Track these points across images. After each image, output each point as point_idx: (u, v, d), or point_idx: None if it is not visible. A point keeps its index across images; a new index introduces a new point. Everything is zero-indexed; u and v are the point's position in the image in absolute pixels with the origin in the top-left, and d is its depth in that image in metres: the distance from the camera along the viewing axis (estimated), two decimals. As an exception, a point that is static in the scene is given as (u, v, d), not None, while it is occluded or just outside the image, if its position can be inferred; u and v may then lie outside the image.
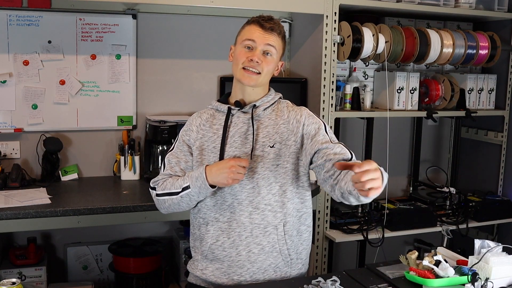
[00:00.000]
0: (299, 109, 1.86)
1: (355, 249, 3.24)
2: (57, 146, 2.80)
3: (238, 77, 1.79)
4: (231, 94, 1.90)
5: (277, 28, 1.78)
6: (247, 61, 1.76)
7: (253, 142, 1.78)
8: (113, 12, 2.89)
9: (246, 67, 1.77)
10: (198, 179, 1.72)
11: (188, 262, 1.95)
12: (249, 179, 1.76)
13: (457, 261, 1.79)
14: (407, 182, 3.62)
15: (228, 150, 1.78)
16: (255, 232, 1.77)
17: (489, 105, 3.37)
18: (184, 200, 1.78)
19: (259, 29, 1.77)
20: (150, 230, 3.12)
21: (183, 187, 1.75)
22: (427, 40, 3.00)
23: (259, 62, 1.75)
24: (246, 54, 1.77)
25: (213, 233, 1.80)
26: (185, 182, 1.76)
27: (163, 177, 1.86)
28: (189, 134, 1.88)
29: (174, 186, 1.79)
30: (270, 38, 1.76)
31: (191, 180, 1.74)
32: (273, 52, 1.78)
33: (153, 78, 3.03)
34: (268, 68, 1.78)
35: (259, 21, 1.78)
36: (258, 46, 1.76)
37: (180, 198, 1.77)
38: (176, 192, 1.78)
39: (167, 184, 1.81)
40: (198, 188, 1.73)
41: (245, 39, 1.77)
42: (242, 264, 1.78)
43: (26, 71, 2.79)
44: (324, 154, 1.72)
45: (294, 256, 1.84)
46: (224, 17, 3.04)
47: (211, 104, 1.91)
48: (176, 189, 1.78)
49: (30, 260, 2.69)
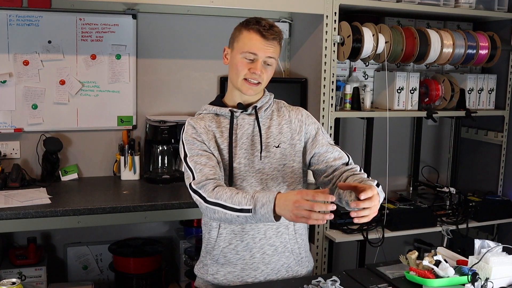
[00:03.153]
0: (297, 109, 1.87)
1: (355, 249, 3.24)
2: (57, 146, 2.80)
3: (239, 87, 1.76)
4: (224, 96, 1.85)
5: (277, 37, 1.74)
6: (249, 73, 1.72)
7: (261, 143, 1.77)
8: (113, 12, 2.89)
9: (247, 78, 1.73)
10: (264, 207, 1.50)
11: (194, 264, 1.94)
12: (258, 181, 1.76)
13: (457, 261, 1.79)
14: (407, 182, 3.62)
15: (238, 153, 1.76)
16: (268, 234, 1.77)
17: (489, 105, 3.37)
18: (240, 220, 1.57)
19: (260, 40, 1.71)
20: (150, 230, 3.12)
21: (242, 208, 1.54)
22: (427, 40, 3.00)
23: (260, 73, 1.73)
24: (248, 65, 1.72)
25: (226, 236, 1.78)
26: (247, 203, 1.53)
27: (206, 178, 1.65)
28: (199, 135, 1.75)
29: (231, 200, 1.56)
30: (271, 50, 1.72)
31: (255, 204, 1.52)
32: (273, 62, 1.75)
33: (153, 78, 3.03)
34: (268, 76, 1.76)
35: (261, 31, 1.71)
36: (260, 58, 1.72)
37: (236, 217, 1.56)
38: (233, 208, 1.55)
39: (222, 194, 1.58)
40: (261, 216, 1.52)
41: (247, 51, 1.71)
42: (257, 267, 1.78)
43: (26, 71, 2.79)
44: (324, 158, 1.79)
45: (304, 254, 1.86)
46: (224, 17, 3.04)
47: (205, 109, 1.83)
48: (233, 204, 1.55)
49: (30, 260, 2.69)
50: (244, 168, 1.75)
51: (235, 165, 1.75)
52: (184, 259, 2.95)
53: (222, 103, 1.84)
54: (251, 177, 1.75)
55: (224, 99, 1.85)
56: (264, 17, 1.76)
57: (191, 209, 2.48)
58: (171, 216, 2.58)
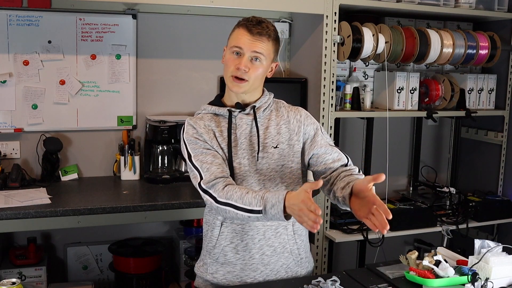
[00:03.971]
0: (297, 109, 1.86)
1: (355, 249, 3.24)
2: (57, 146, 2.80)
3: (228, 84, 1.76)
4: (224, 96, 1.85)
5: (265, 33, 1.71)
6: (234, 69, 1.72)
7: (258, 144, 1.76)
8: (113, 12, 2.89)
9: (234, 75, 1.73)
10: (274, 207, 1.52)
11: (194, 264, 1.93)
12: (257, 181, 1.76)
13: (457, 261, 1.79)
14: (407, 182, 3.62)
15: (238, 153, 1.76)
16: (267, 234, 1.77)
17: (489, 105, 3.37)
18: (252, 219, 1.60)
19: (246, 35, 1.71)
20: (150, 230, 3.12)
21: (253, 209, 1.56)
22: (427, 40, 3.00)
23: (246, 70, 1.71)
24: (234, 61, 1.72)
25: (227, 235, 1.77)
26: (257, 204, 1.56)
27: (215, 176, 1.65)
28: (200, 135, 1.75)
29: (242, 200, 1.58)
30: (257, 45, 1.71)
31: (265, 205, 1.54)
32: (261, 57, 1.72)
33: (153, 78, 3.03)
34: (256, 74, 1.73)
35: (247, 26, 1.72)
36: (246, 53, 1.71)
37: (248, 217, 1.59)
38: (244, 208, 1.58)
39: (232, 194, 1.60)
40: (271, 216, 1.54)
41: (233, 45, 1.73)
42: (256, 267, 1.78)
43: (26, 71, 2.79)
44: (323, 160, 1.79)
45: (304, 255, 1.86)
46: (224, 17, 3.04)
47: (204, 109, 1.83)
48: (244, 205, 1.58)
49: (30, 260, 2.69)
50: (244, 168, 1.75)
51: (235, 165, 1.74)
52: (184, 259, 2.95)
53: (221, 103, 1.83)
54: (250, 177, 1.75)
55: (223, 99, 1.84)
56: (264, 17, 1.76)
57: (191, 209, 2.48)
58: (171, 216, 2.58)
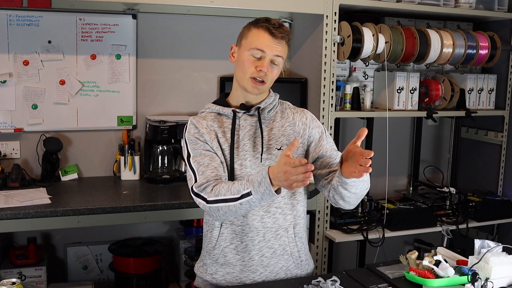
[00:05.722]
0: (303, 111, 1.86)
1: (355, 249, 3.24)
2: (57, 146, 2.80)
3: (245, 85, 1.74)
4: (229, 95, 1.84)
5: (286, 36, 1.72)
6: (256, 71, 1.71)
7: (262, 145, 1.76)
8: (113, 12, 2.89)
9: (254, 76, 1.72)
10: (262, 184, 1.52)
11: (194, 264, 1.93)
12: None
13: (457, 261, 1.79)
14: (407, 182, 3.62)
15: (240, 154, 1.76)
16: (267, 236, 1.77)
17: (489, 105, 3.37)
18: (244, 207, 1.58)
19: (269, 38, 1.70)
20: (150, 230, 3.12)
21: (242, 194, 1.55)
22: (427, 40, 3.00)
23: (267, 71, 1.71)
24: (255, 63, 1.70)
25: (227, 236, 1.77)
26: (244, 188, 1.55)
27: (207, 180, 1.65)
28: (202, 135, 1.74)
29: (230, 192, 1.58)
30: (279, 48, 1.71)
31: (253, 185, 1.53)
32: (280, 61, 1.73)
33: (153, 78, 3.03)
34: (273, 76, 1.75)
35: (270, 29, 1.70)
36: (267, 56, 1.70)
37: (240, 205, 1.57)
38: (233, 198, 1.57)
39: (220, 189, 1.60)
40: (261, 194, 1.53)
41: (254, 47, 1.70)
42: (255, 269, 1.78)
43: (26, 71, 2.79)
44: (327, 164, 1.77)
45: (304, 257, 1.86)
46: (224, 17, 3.04)
47: (208, 108, 1.82)
48: (233, 194, 1.57)
49: (30, 260, 2.69)
50: (246, 169, 1.74)
51: (236, 166, 1.74)
52: (184, 259, 2.95)
53: (225, 103, 1.82)
54: None
55: (228, 99, 1.84)
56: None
57: (191, 209, 2.48)
58: (171, 216, 2.58)
